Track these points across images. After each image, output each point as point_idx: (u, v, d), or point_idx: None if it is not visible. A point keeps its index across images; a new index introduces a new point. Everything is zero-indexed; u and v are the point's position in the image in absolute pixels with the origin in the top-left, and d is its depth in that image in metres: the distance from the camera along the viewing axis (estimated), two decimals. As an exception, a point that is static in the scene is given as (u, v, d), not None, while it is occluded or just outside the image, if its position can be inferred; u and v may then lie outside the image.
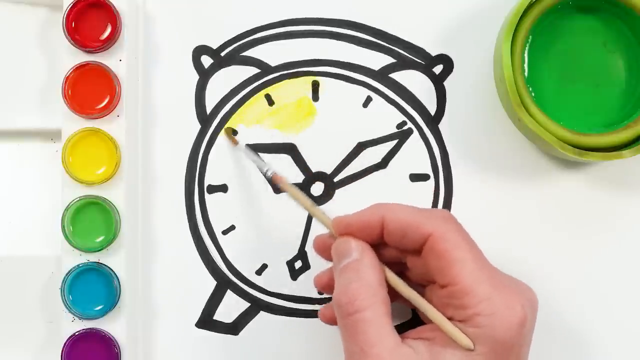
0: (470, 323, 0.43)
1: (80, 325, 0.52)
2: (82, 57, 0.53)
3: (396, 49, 0.55)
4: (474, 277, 0.43)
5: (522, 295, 0.44)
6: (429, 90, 0.55)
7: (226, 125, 0.55)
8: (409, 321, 0.53)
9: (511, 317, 0.43)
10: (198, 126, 0.55)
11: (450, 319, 0.44)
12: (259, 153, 0.55)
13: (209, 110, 0.55)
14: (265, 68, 0.55)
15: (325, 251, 0.48)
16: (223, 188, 0.55)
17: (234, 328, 0.55)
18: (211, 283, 0.55)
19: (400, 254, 0.47)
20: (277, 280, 0.55)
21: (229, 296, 0.55)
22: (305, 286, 0.55)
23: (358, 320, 0.44)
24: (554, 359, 0.54)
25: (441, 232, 0.44)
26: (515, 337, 0.43)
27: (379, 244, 0.47)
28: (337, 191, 0.55)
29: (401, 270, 0.48)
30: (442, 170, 0.55)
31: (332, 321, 0.48)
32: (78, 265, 0.52)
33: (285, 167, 0.55)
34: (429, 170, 0.55)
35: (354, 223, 0.46)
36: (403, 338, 0.44)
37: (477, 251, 0.45)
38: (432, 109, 0.55)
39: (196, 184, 0.55)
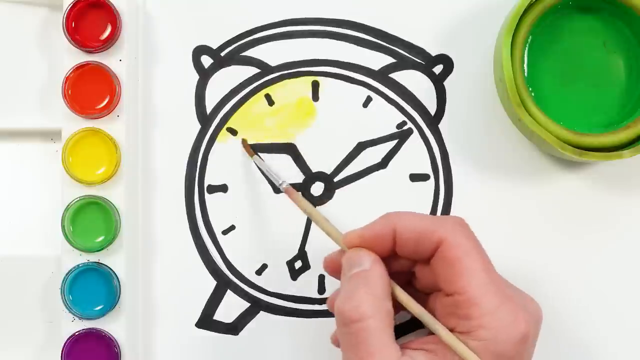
0: (473, 335, 0.43)
1: (80, 325, 0.52)
2: (82, 57, 0.53)
3: (396, 49, 0.55)
4: (481, 289, 0.43)
5: (526, 310, 0.44)
6: (429, 90, 0.55)
7: (226, 125, 0.55)
8: (407, 322, 0.52)
9: (514, 333, 0.42)
10: (198, 126, 0.55)
11: (452, 329, 0.44)
12: (260, 153, 0.55)
13: (209, 110, 0.55)
14: (265, 68, 0.55)
15: (335, 270, 0.47)
16: (223, 188, 0.55)
17: (234, 328, 0.55)
18: (211, 283, 0.55)
19: (410, 264, 0.47)
20: (277, 280, 0.55)
21: (229, 296, 0.55)
22: (305, 286, 0.55)
23: (360, 329, 0.43)
24: (553, 358, 0.54)
25: (453, 238, 0.44)
26: (516, 353, 0.43)
27: (387, 257, 0.46)
28: (337, 191, 0.55)
29: (408, 279, 0.48)
30: (442, 170, 0.55)
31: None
32: (78, 265, 0.52)
33: (285, 167, 0.55)
34: (429, 170, 0.55)
35: (366, 236, 0.46)
36: (404, 347, 0.44)
37: (486, 260, 0.44)
38: (432, 109, 0.55)
39: (196, 184, 0.55)
